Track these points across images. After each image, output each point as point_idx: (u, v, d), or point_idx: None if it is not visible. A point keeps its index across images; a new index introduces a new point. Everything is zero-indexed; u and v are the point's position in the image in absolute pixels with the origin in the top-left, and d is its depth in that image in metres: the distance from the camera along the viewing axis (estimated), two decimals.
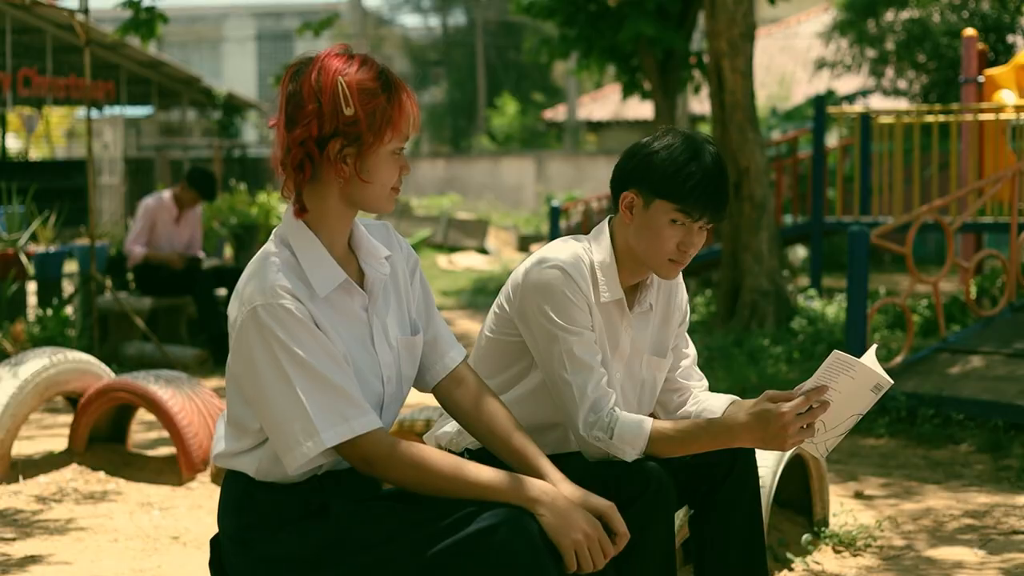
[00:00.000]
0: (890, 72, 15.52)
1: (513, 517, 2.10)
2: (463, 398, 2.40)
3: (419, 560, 2.12)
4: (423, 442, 2.49)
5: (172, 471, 4.76)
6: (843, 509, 4.16)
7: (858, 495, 4.58)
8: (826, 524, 3.88)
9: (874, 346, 2.59)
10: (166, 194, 8.28)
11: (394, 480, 2.21)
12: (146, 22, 8.08)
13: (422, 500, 2.21)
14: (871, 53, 15.51)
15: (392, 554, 2.14)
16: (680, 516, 2.90)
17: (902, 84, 15.58)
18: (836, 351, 2.41)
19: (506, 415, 2.38)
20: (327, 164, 2.19)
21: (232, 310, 2.20)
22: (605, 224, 2.69)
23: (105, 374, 4.92)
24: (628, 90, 13.05)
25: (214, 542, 2.36)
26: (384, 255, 2.34)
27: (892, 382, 2.43)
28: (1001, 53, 13.82)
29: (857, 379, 2.39)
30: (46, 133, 18.50)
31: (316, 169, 2.20)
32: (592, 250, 2.65)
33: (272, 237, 2.27)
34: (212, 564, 2.36)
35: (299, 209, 2.22)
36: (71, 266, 8.61)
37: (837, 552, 3.81)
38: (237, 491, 2.27)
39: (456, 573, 2.10)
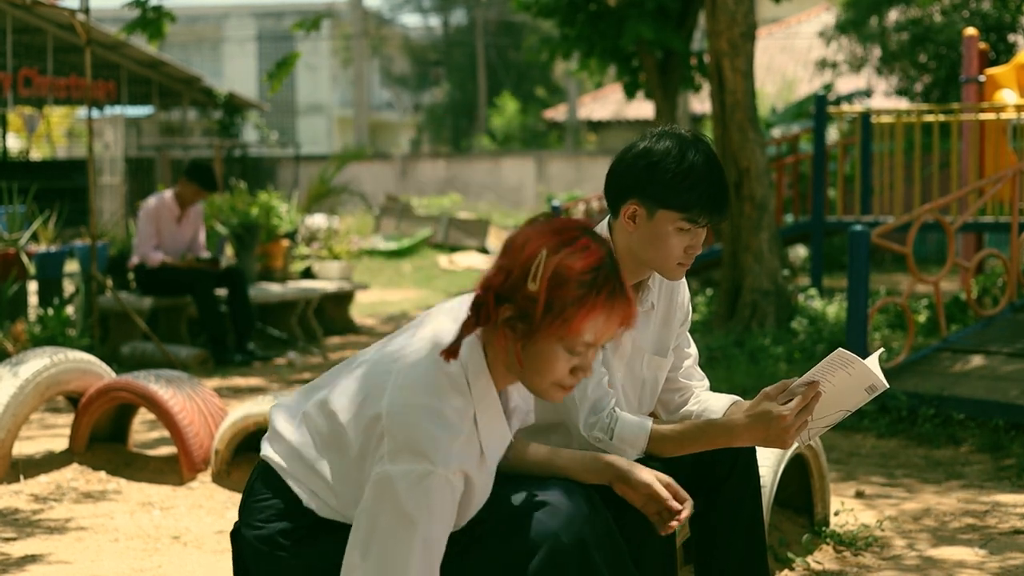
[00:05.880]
0: (892, 72, 15.51)
1: (563, 527, 2.16)
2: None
3: (463, 567, 2.15)
4: None
5: (173, 471, 4.76)
6: (844, 509, 4.16)
7: (859, 495, 4.58)
8: (827, 524, 3.88)
9: (880, 350, 2.60)
10: (167, 194, 8.27)
11: None
12: (153, 21, 8.05)
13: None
14: (875, 52, 15.50)
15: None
16: None
17: (904, 84, 15.57)
18: (841, 348, 2.42)
19: (533, 446, 2.43)
20: (496, 326, 2.07)
21: (399, 447, 2.03)
22: (604, 225, 2.68)
23: (106, 374, 4.92)
24: (630, 90, 13.04)
25: (235, 536, 2.31)
26: (529, 408, 2.35)
27: (888, 385, 2.45)
28: (1002, 53, 13.81)
29: (854, 376, 2.42)
30: (47, 133, 18.51)
31: (488, 324, 2.07)
32: None
33: (458, 373, 2.09)
34: (235, 559, 2.32)
35: (449, 352, 2.07)
36: (72, 266, 8.61)
37: (838, 552, 3.81)
38: (278, 496, 2.22)
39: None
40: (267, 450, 2.27)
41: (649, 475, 2.34)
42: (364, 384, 2.14)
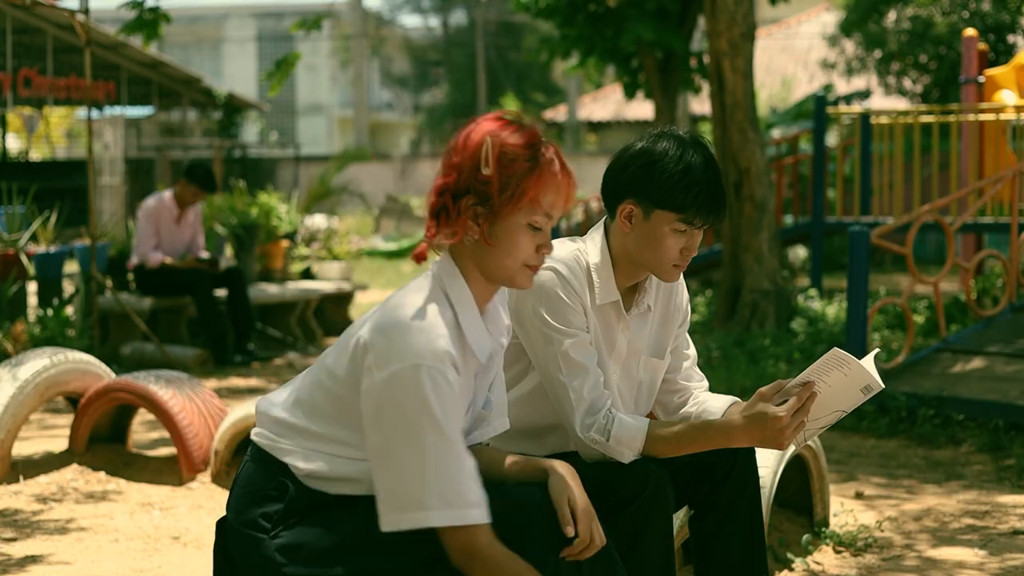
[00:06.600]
0: (893, 72, 15.51)
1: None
2: (480, 460, 2.38)
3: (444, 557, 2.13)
4: None
5: (172, 471, 4.76)
6: (843, 509, 4.16)
7: (859, 495, 4.58)
8: (826, 524, 3.88)
9: (876, 351, 2.60)
10: (166, 194, 8.27)
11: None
12: (150, 22, 8.07)
13: None
14: (876, 53, 15.50)
15: (420, 549, 2.14)
16: (680, 516, 2.90)
17: (905, 84, 15.57)
18: (836, 348, 2.43)
19: (503, 454, 2.40)
20: (460, 220, 2.19)
21: (384, 353, 2.10)
22: (600, 226, 2.67)
23: (105, 374, 4.92)
24: (630, 91, 13.03)
25: (221, 525, 2.32)
26: (506, 323, 2.36)
27: (883, 386, 2.46)
28: (1001, 53, 13.81)
29: (849, 376, 2.42)
30: (46, 133, 18.50)
31: (451, 222, 2.19)
32: (588, 252, 2.64)
33: (432, 285, 2.21)
34: (216, 548, 2.33)
35: (417, 256, 2.21)
36: (71, 266, 8.61)
37: (838, 552, 3.81)
38: (266, 480, 2.24)
39: None
40: (256, 435, 2.30)
41: (560, 499, 2.22)
42: (345, 336, 2.25)
